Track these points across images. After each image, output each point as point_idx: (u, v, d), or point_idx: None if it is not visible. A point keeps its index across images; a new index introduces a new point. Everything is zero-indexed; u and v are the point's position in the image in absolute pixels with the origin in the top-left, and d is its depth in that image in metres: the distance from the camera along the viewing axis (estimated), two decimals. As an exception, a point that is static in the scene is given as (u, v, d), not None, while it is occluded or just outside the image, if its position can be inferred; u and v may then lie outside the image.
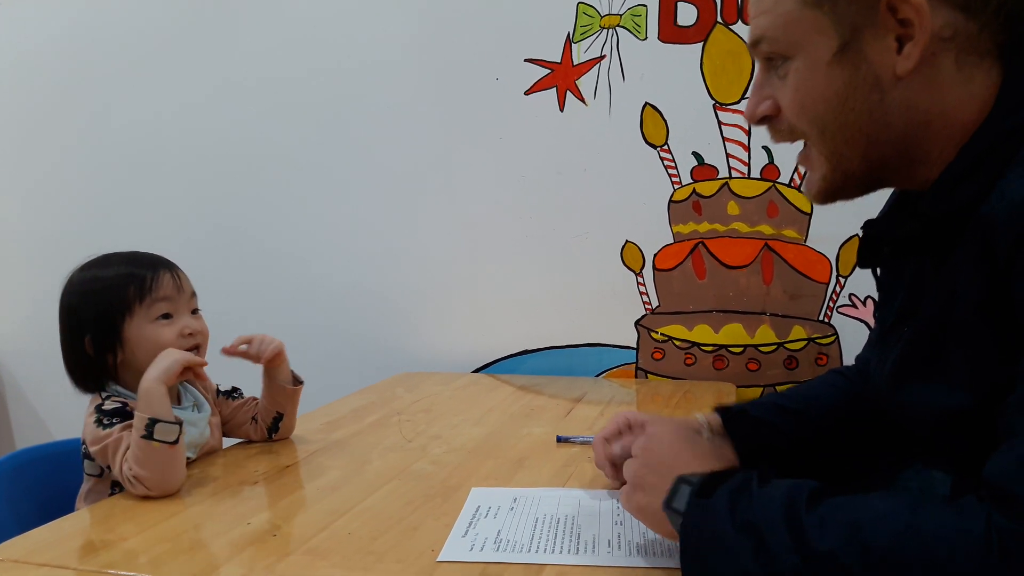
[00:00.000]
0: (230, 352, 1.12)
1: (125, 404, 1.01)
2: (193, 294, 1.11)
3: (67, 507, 1.02)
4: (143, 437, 0.93)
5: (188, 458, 1.07)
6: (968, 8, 0.64)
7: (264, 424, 1.18)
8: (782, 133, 0.75)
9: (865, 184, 0.74)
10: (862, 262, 0.83)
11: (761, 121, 0.76)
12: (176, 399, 1.10)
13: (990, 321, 0.60)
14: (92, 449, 0.99)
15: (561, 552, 0.77)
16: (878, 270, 0.85)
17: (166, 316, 1.06)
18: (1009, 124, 0.64)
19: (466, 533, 0.82)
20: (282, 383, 1.16)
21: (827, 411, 0.96)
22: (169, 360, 0.99)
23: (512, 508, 0.89)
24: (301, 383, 1.19)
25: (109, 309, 1.04)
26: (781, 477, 0.66)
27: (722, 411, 0.95)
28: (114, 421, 0.99)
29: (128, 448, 0.95)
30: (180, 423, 0.97)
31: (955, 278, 0.64)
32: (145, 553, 0.79)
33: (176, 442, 0.95)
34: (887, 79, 0.67)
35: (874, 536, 0.56)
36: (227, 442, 1.19)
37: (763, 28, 0.71)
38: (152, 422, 0.94)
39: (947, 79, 0.66)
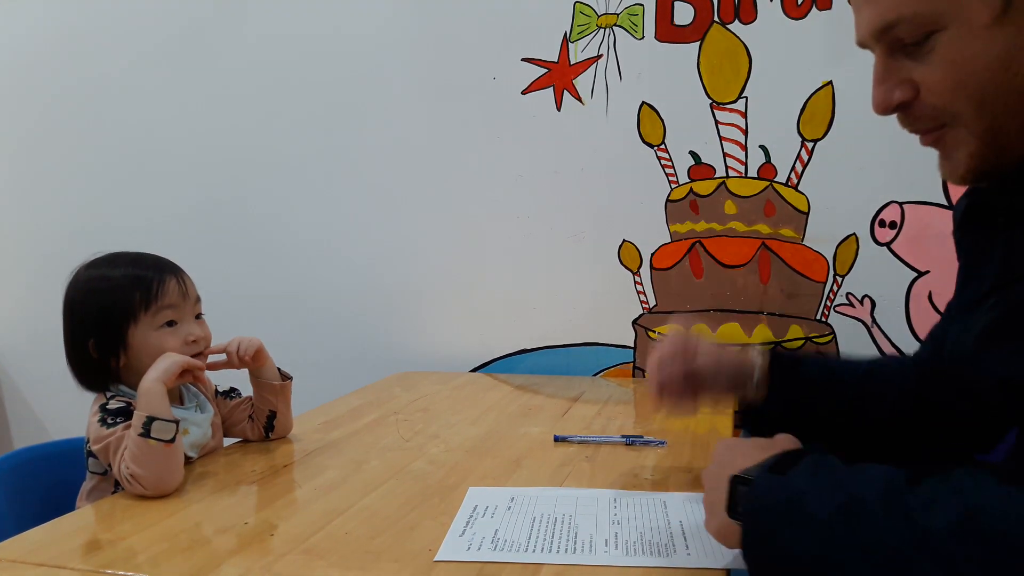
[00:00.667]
0: (213, 367, 1.13)
1: (129, 404, 1.02)
2: (198, 299, 1.11)
3: (65, 507, 1.01)
4: (140, 435, 0.94)
5: (190, 458, 1.07)
6: None
7: (259, 423, 1.18)
8: (922, 119, 0.70)
9: (1016, 158, 0.68)
10: (961, 230, 0.80)
11: (895, 110, 0.70)
12: (179, 400, 1.11)
13: None
14: (95, 447, 0.99)
15: (558, 551, 0.77)
16: (964, 241, 0.83)
17: (170, 323, 1.06)
18: None
19: (463, 533, 0.82)
20: (269, 380, 1.17)
21: (881, 398, 0.92)
22: (168, 361, 1.00)
23: (509, 507, 0.89)
24: (289, 378, 1.20)
25: (113, 314, 1.04)
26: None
27: (774, 356, 0.92)
28: (118, 420, 0.99)
29: (126, 447, 0.95)
30: (177, 422, 0.97)
31: None
32: (143, 552, 0.79)
33: (173, 441, 0.96)
34: None
35: (994, 520, 0.51)
36: (225, 442, 1.19)
37: (897, 8, 0.66)
38: (150, 420, 0.95)
39: None
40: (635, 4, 1.63)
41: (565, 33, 1.68)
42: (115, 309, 1.04)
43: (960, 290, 0.85)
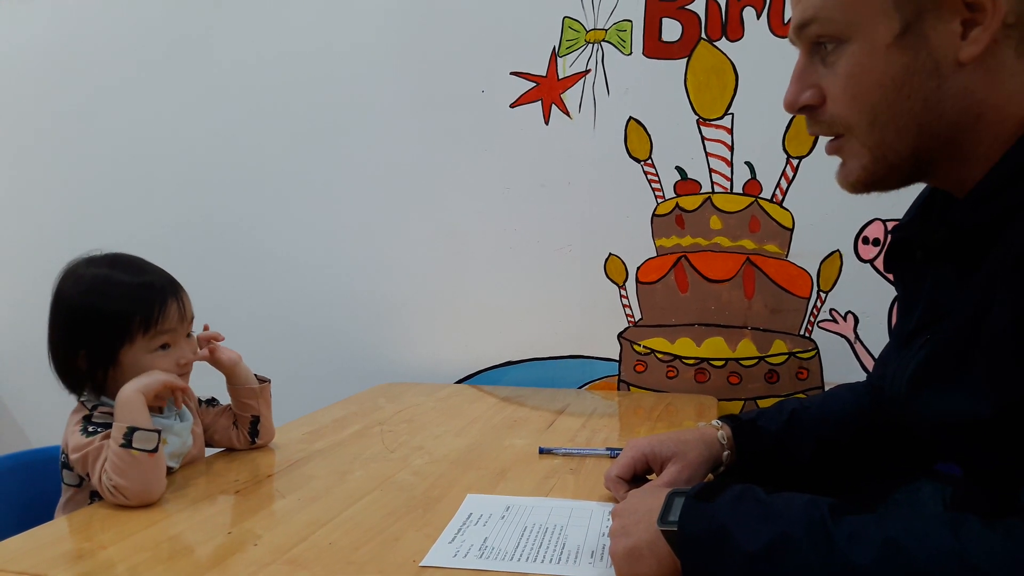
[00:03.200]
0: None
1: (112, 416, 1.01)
2: (192, 318, 1.10)
3: (46, 516, 1.00)
4: (121, 446, 0.93)
5: (171, 468, 1.06)
6: None
7: (243, 430, 1.18)
8: (821, 125, 0.72)
9: (906, 177, 0.71)
10: (888, 265, 0.82)
11: (801, 111, 0.73)
12: (159, 409, 1.10)
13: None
14: (72, 456, 0.98)
15: (543, 561, 0.77)
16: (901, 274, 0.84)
17: (165, 346, 1.05)
18: None
19: (453, 539, 0.82)
20: (247, 384, 1.17)
21: (840, 426, 0.95)
22: (151, 378, 1.00)
23: (503, 516, 0.89)
24: (267, 381, 1.20)
25: (110, 334, 1.02)
26: (778, 490, 0.64)
27: (731, 421, 0.96)
28: (98, 430, 0.98)
29: (107, 458, 0.94)
30: (158, 431, 0.96)
31: (990, 288, 0.62)
32: (124, 562, 0.78)
33: (155, 451, 0.95)
34: (947, 65, 0.64)
35: (915, 556, 0.54)
36: (208, 452, 1.18)
37: (815, 8, 0.68)
38: (131, 431, 0.94)
39: (1006, 69, 0.64)
40: (623, 20, 1.65)
41: (554, 47, 1.70)
42: (112, 329, 1.02)
43: (898, 322, 0.86)
